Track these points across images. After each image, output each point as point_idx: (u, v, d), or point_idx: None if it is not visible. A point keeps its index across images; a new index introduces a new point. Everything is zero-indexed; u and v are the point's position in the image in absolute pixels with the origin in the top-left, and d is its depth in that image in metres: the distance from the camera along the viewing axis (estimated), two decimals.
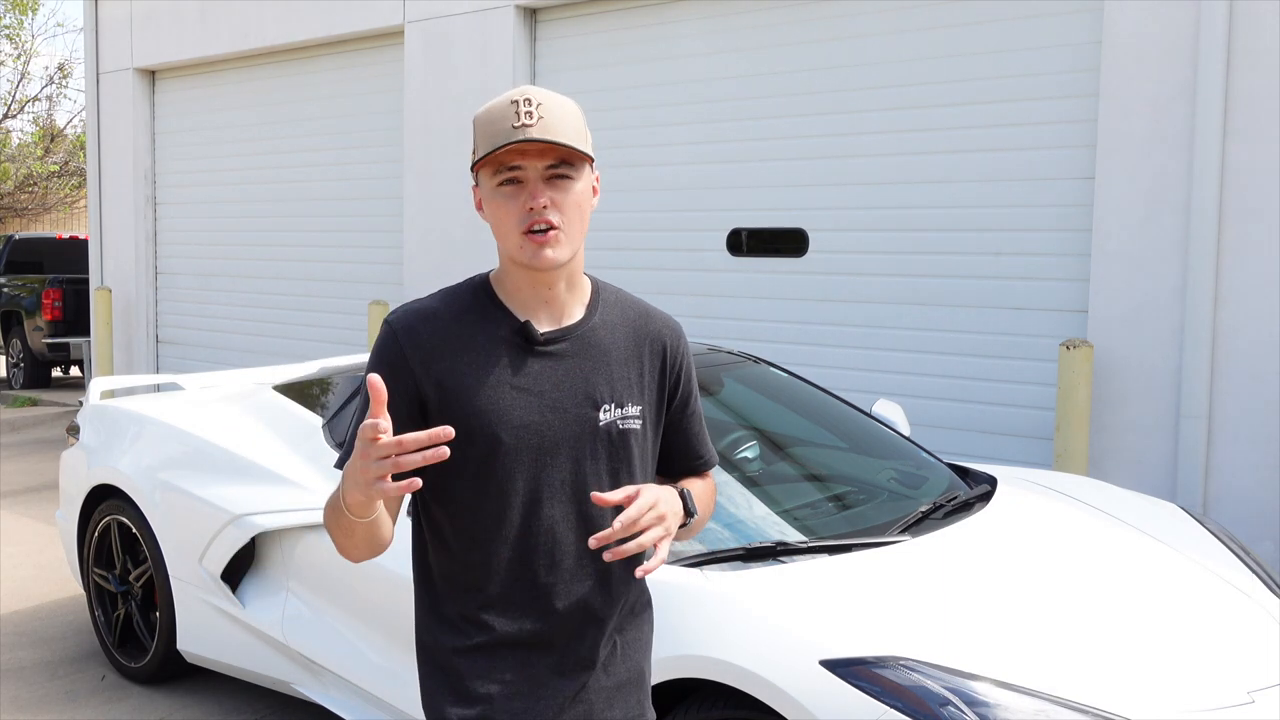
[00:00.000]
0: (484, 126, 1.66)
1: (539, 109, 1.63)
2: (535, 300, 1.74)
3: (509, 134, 1.62)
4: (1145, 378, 5.12)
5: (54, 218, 24.55)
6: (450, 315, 1.73)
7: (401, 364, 1.70)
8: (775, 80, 6.39)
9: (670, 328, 1.86)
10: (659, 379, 1.83)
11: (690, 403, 1.89)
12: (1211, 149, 4.86)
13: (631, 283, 7.05)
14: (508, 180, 1.66)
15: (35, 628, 4.99)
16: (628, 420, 1.76)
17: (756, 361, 4.17)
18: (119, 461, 4.34)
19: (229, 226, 9.96)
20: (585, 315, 1.77)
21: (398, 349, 1.71)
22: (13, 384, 13.24)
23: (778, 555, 2.91)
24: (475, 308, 1.74)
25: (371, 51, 8.64)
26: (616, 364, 1.77)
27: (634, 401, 1.78)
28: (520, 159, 1.64)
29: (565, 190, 1.67)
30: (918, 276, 5.90)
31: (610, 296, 1.83)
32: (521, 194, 1.65)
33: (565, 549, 1.73)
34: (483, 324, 1.73)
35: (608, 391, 1.75)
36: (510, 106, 1.64)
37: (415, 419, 1.69)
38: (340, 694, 3.57)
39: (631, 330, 1.81)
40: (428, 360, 1.70)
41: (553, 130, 1.63)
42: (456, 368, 1.70)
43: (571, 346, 1.75)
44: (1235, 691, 2.52)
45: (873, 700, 2.36)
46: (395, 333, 1.72)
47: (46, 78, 32.82)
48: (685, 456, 1.92)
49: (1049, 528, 3.35)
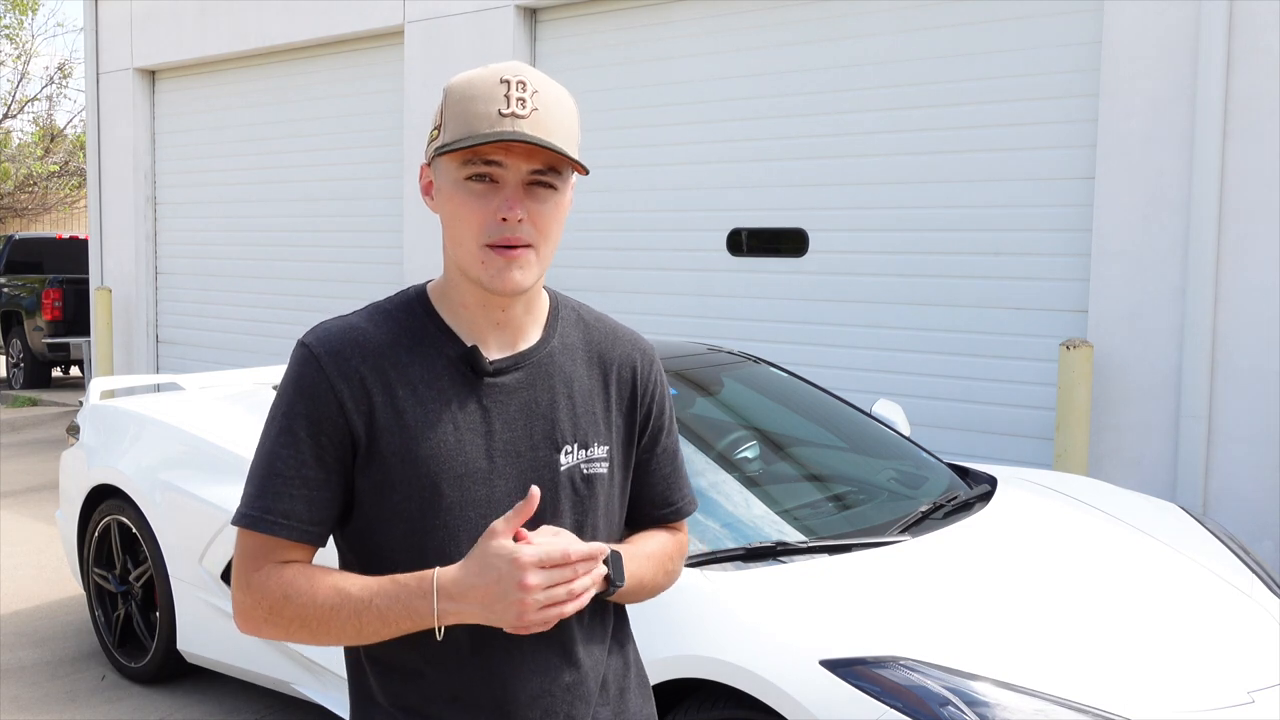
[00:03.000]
0: (461, 103, 1.36)
1: (534, 98, 1.35)
2: (485, 322, 1.44)
3: (494, 123, 1.33)
4: (1145, 378, 5.12)
5: (54, 218, 24.55)
6: (382, 338, 1.42)
7: (326, 395, 1.38)
8: (775, 80, 6.39)
9: (641, 350, 1.57)
10: (628, 411, 1.53)
11: (661, 438, 1.58)
12: (1211, 149, 4.86)
13: (631, 283, 7.05)
14: (479, 176, 1.36)
15: (35, 628, 4.99)
16: (593, 464, 1.47)
17: (756, 361, 4.17)
18: (119, 461, 4.34)
19: (229, 226, 9.96)
20: (542, 338, 1.48)
21: (321, 377, 1.39)
22: (13, 384, 13.24)
23: (778, 555, 2.91)
24: (411, 329, 1.44)
25: (371, 51, 8.64)
26: (580, 395, 1.48)
27: (599, 440, 1.49)
28: (503, 155, 1.35)
29: (546, 203, 1.37)
30: (918, 276, 5.90)
31: (570, 315, 1.54)
32: (494, 197, 1.35)
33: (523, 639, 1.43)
34: (420, 349, 1.42)
35: (570, 429, 1.46)
36: (499, 87, 1.34)
37: (344, 465, 1.40)
38: (340, 694, 3.57)
39: (596, 354, 1.52)
40: (358, 393, 1.39)
41: (547, 128, 1.34)
42: (391, 404, 1.39)
43: (526, 376, 1.45)
44: (1235, 691, 2.52)
45: (873, 700, 2.36)
46: (316, 357, 1.40)
47: (46, 78, 32.85)
48: (652, 503, 1.59)
49: (1049, 528, 3.35)
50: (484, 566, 1.28)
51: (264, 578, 1.38)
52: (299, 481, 1.38)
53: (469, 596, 1.28)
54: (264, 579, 1.38)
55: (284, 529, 1.38)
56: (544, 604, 1.26)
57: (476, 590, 1.28)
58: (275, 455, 1.40)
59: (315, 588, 1.36)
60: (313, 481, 1.39)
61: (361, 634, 1.35)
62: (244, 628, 1.41)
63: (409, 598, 1.32)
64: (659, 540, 1.58)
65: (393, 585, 1.33)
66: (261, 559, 1.40)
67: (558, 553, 1.26)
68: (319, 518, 1.40)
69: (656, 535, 1.58)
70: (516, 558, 1.25)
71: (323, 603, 1.34)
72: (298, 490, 1.38)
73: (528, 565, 1.25)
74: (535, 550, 1.26)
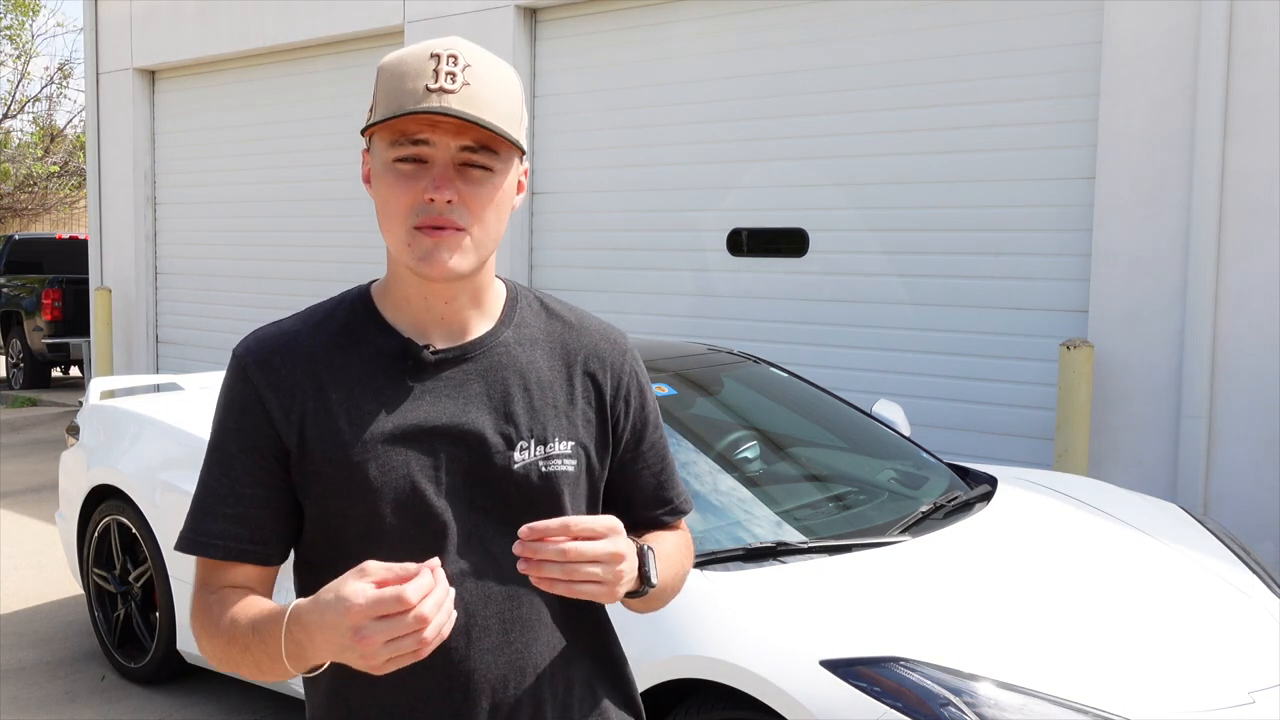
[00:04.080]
0: (390, 79, 1.28)
1: (465, 72, 1.25)
2: (428, 315, 1.35)
3: (419, 97, 1.24)
4: (1145, 378, 5.12)
5: (54, 218, 24.55)
6: (316, 340, 1.34)
7: (254, 407, 1.32)
8: (775, 80, 6.39)
9: (611, 340, 1.46)
10: (597, 407, 1.41)
11: (646, 434, 1.47)
12: (1211, 149, 4.86)
13: (631, 283, 7.05)
14: (408, 158, 1.27)
15: (35, 628, 4.99)
16: (553, 461, 1.35)
17: (756, 361, 4.17)
18: (119, 461, 4.34)
19: (229, 226, 9.96)
20: (494, 328, 1.38)
21: (249, 390, 1.32)
22: (13, 384, 13.24)
23: (778, 555, 2.91)
24: (348, 328, 1.36)
25: (371, 51, 8.63)
26: (536, 387, 1.37)
27: (562, 435, 1.37)
28: (430, 132, 1.26)
29: (480, 184, 1.28)
30: (918, 276, 5.90)
31: (531, 305, 1.43)
32: (422, 178, 1.27)
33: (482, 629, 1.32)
34: (356, 348, 1.34)
35: (525, 422, 1.35)
36: (429, 61, 1.26)
37: (282, 477, 1.32)
38: None
39: (558, 345, 1.42)
40: (287, 402, 1.31)
41: (478, 103, 1.25)
42: (322, 410, 1.31)
43: (475, 368, 1.35)
44: (1235, 691, 2.52)
45: (873, 700, 2.36)
46: (244, 368, 1.33)
47: (46, 78, 32.84)
48: (647, 504, 1.49)
49: (1049, 528, 3.35)
50: (324, 607, 1.13)
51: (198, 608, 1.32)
52: (232, 500, 1.32)
53: (314, 637, 1.15)
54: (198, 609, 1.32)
55: (217, 550, 1.32)
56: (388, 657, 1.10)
57: (320, 631, 1.14)
58: (209, 475, 1.34)
59: (221, 619, 1.28)
60: (248, 499, 1.32)
61: (261, 669, 1.23)
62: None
63: (266, 628, 1.21)
64: (670, 540, 1.48)
65: (262, 617, 1.23)
66: (204, 584, 1.34)
67: (390, 597, 1.08)
68: (258, 536, 1.32)
69: (664, 536, 1.49)
70: (347, 606, 1.10)
71: (224, 634, 1.27)
72: (230, 509, 1.32)
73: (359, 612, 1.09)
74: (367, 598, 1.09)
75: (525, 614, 1.35)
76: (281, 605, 1.22)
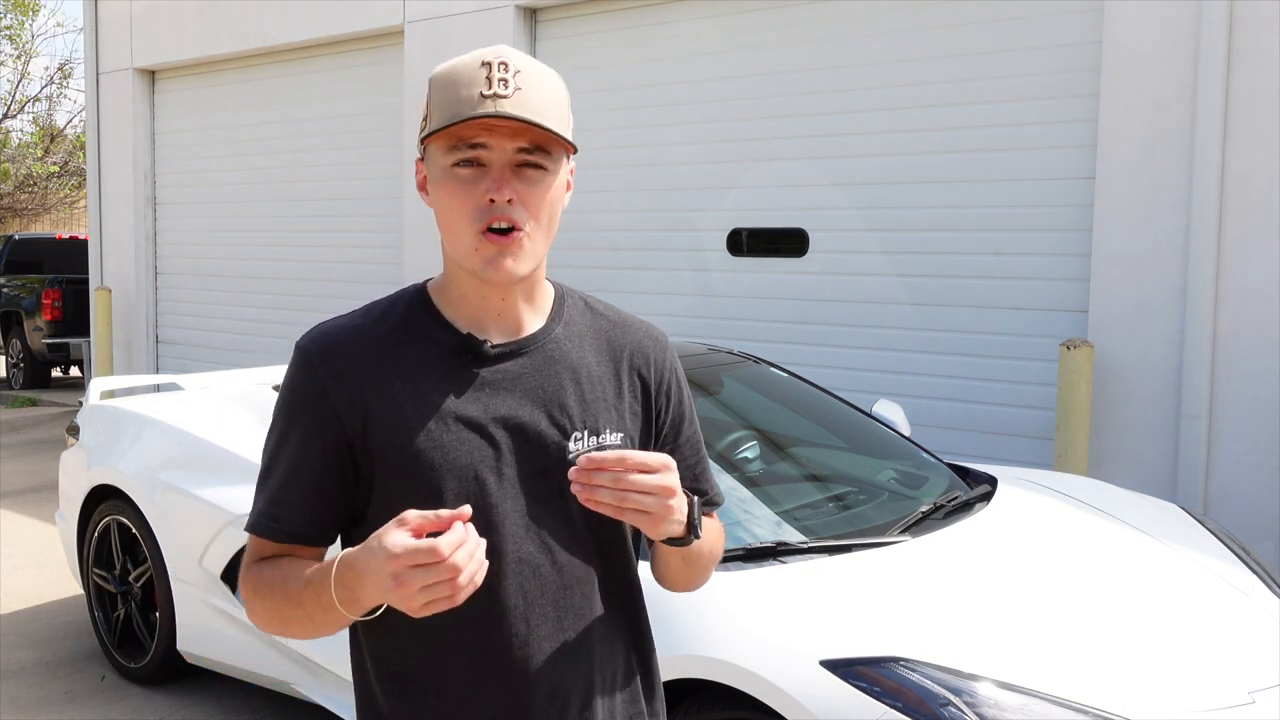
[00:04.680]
0: (444, 89, 1.34)
1: (516, 77, 1.31)
2: (485, 312, 1.42)
3: (475, 104, 1.30)
4: (1145, 378, 5.12)
5: (54, 218, 24.55)
6: (377, 333, 1.41)
7: (320, 400, 1.37)
8: (775, 80, 6.39)
9: (654, 338, 1.54)
10: (643, 400, 1.49)
11: (684, 428, 1.55)
12: (1211, 149, 4.86)
13: (632, 283, 7.05)
14: (466, 161, 1.33)
15: (35, 628, 4.99)
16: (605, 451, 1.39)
17: (756, 361, 4.17)
18: (119, 462, 4.34)
19: (229, 226, 9.96)
20: (546, 324, 1.45)
21: (314, 381, 1.38)
22: (13, 384, 13.24)
23: (778, 555, 2.91)
24: (408, 323, 1.42)
25: (371, 51, 8.64)
26: (588, 382, 1.44)
27: (613, 427, 1.44)
28: (487, 136, 1.32)
29: (536, 184, 1.34)
30: (918, 276, 5.90)
31: (577, 303, 1.51)
32: (482, 181, 1.33)
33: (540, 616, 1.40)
34: (418, 343, 1.40)
35: (579, 415, 1.42)
36: (480, 70, 1.31)
37: (343, 467, 1.38)
38: (340, 694, 3.57)
39: (605, 342, 1.49)
40: (352, 393, 1.37)
41: (532, 107, 1.31)
42: (387, 399, 1.37)
43: (530, 362, 1.42)
44: (1236, 691, 2.52)
45: (873, 700, 2.36)
46: (309, 360, 1.39)
47: (46, 78, 32.84)
48: None
49: (1049, 528, 3.35)
50: (370, 553, 1.22)
51: (250, 574, 1.40)
52: (295, 488, 1.39)
53: (364, 580, 1.23)
54: (249, 576, 1.40)
55: (276, 532, 1.39)
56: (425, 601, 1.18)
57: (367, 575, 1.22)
58: (274, 460, 1.41)
59: (273, 580, 1.36)
60: (308, 486, 1.39)
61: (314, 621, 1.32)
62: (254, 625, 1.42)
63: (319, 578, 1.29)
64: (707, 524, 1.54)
65: (317, 570, 1.31)
66: (259, 559, 1.42)
67: (425, 548, 1.17)
68: (316, 520, 1.40)
69: None
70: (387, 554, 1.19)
71: (278, 593, 1.35)
72: (291, 497, 1.39)
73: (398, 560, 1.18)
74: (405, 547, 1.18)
75: (578, 602, 1.42)
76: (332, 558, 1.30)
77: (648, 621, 1.55)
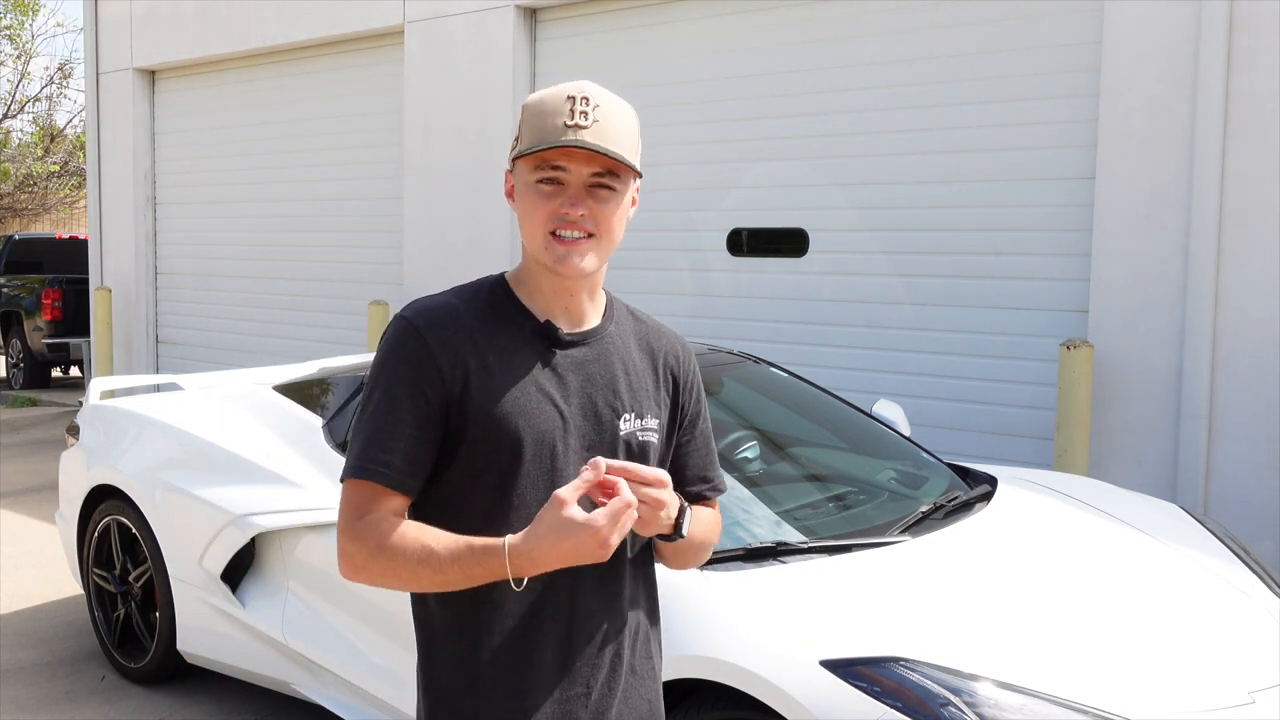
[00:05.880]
0: (534, 117, 1.58)
1: (595, 111, 1.56)
2: (555, 304, 1.67)
3: (559, 132, 1.55)
4: (1145, 378, 5.12)
5: (54, 218, 24.55)
6: (471, 311, 1.65)
7: (426, 359, 1.59)
8: (775, 80, 6.39)
9: (682, 345, 1.82)
10: (672, 395, 1.76)
11: (699, 422, 1.81)
12: (1211, 149, 4.86)
13: (632, 282, 7.05)
14: (548, 179, 1.59)
15: (35, 628, 4.99)
16: (647, 432, 1.69)
17: (756, 361, 4.17)
18: (119, 462, 4.34)
19: (229, 226, 9.96)
20: (603, 321, 1.72)
21: (420, 343, 1.60)
22: (13, 384, 13.24)
23: (778, 555, 2.91)
24: (493, 307, 1.66)
25: (371, 51, 8.64)
26: (634, 373, 1.71)
27: (652, 414, 1.71)
28: (566, 160, 1.57)
29: (606, 202, 1.61)
30: (918, 276, 5.90)
31: (622, 309, 1.78)
32: (559, 196, 1.58)
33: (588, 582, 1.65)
34: (503, 323, 1.64)
35: (628, 399, 1.68)
36: (566, 102, 1.56)
37: (438, 425, 1.59)
38: (340, 694, 3.57)
39: (645, 342, 1.76)
40: (454, 358, 1.59)
41: (607, 137, 1.57)
42: (483, 368, 1.60)
43: (592, 351, 1.68)
44: (1236, 691, 2.52)
45: (873, 700, 2.36)
46: (416, 327, 1.61)
47: (46, 78, 32.84)
48: (689, 480, 1.81)
49: (1049, 528, 3.35)
50: (560, 536, 1.45)
51: (365, 526, 1.56)
52: (400, 437, 1.57)
53: (550, 557, 1.47)
54: (365, 528, 1.56)
55: (385, 477, 1.57)
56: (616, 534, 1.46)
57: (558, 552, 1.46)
58: (379, 415, 1.59)
59: (406, 543, 1.54)
60: (411, 439, 1.57)
61: (447, 585, 1.54)
62: (346, 573, 1.59)
63: (487, 559, 1.50)
64: (706, 512, 1.79)
65: (468, 550, 1.51)
66: (365, 507, 1.58)
67: (621, 506, 1.45)
68: (415, 471, 1.59)
69: (700, 510, 1.77)
70: (593, 529, 1.43)
71: (412, 556, 1.53)
72: (398, 445, 1.57)
73: (606, 531, 1.44)
74: (606, 514, 1.44)
75: (616, 564, 1.66)
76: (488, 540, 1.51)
77: (657, 584, 1.80)
